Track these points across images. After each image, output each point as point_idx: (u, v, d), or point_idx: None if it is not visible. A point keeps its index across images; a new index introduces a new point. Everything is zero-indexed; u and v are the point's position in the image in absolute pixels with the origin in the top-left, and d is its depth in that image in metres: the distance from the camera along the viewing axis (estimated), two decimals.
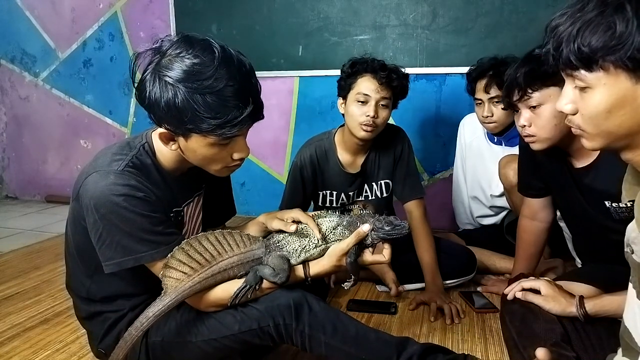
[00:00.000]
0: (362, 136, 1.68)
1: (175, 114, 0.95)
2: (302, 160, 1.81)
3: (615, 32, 0.65)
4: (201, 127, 0.96)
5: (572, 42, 0.69)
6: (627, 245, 0.73)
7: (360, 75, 1.66)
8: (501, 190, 1.96)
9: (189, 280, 1.01)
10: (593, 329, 1.09)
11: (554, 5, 2.18)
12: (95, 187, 0.99)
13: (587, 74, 0.70)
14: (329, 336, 1.03)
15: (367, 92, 1.63)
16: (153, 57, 0.98)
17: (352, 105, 1.67)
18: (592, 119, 0.73)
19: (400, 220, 1.11)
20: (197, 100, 0.93)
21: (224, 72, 0.94)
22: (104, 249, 1.01)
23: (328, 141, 1.83)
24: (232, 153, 1.05)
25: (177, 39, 0.99)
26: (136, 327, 1.01)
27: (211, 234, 1.05)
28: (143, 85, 0.98)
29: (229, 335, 1.05)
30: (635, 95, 0.68)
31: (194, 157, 1.05)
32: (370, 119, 1.63)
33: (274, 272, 1.05)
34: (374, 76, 1.64)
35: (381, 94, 1.64)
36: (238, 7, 2.68)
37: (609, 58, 0.67)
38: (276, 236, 1.14)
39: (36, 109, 3.36)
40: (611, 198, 1.19)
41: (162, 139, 1.03)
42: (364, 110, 1.64)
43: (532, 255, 1.57)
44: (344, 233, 1.13)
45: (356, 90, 1.66)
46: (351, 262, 1.09)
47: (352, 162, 1.82)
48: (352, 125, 1.69)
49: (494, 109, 1.87)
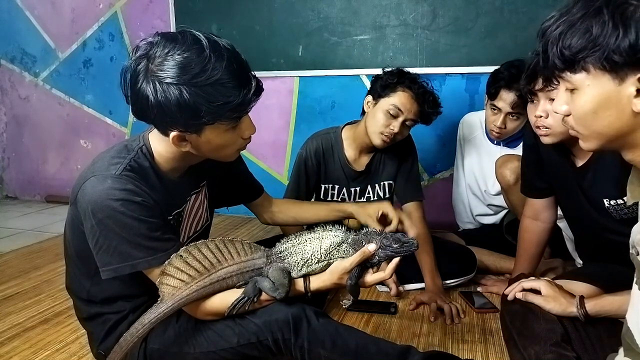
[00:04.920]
0: (378, 145, 1.71)
1: (190, 112, 0.94)
2: (307, 151, 1.83)
3: (592, 35, 0.68)
4: (219, 115, 0.96)
5: (556, 45, 0.72)
6: (633, 247, 0.73)
7: (402, 88, 1.66)
8: (498, 189, 1.96)
9: (186, 288, 1.00)
10: (593, 329, 1.09)
11: (554, 5, 2.17)
12: (93, 192, 0.98)
13: (573, 76, 0.73)
14: (329, 351, 1.03)
15: (402, 109, 1.65)
16: (136, 67, 0.96)
17: (381, 113, 1.67)
18: (581, 120, 0.75)
19: (407, 237, 1.09)
20: (208, 91, 0.93)
21: (218, 56, 0.94)
22: (101, 254, 1.01)
23: (335, 135, 1.85)
24: (242, 133, 1.06)
25: (156, 40, 0.97)
26: (132, 334, 1.00)
27: (211, 242, 1.04)
28: (141, 97, 0.95)
29: (228, 348, 1.05)
30: (619, 96, 0.69)
31: (208, 150, 1.05)
32: (392, 134, 1.66)
33: (273, 286, 1.03)
34: (415, 96, 1.65)
35: (412, 115, 1.66)
36: (238, 7, 2.68)
37: (588, 59, 0.69)
38: (279, 246, 1.11)
39: (36, 109, 3.36)
40: (609, 196, 1.19)
41: (174, 142, 1.02)
42: (391, 123, 1.66)
43: (534, 256, 1.57)
44: (349, 251, 1.10)
45: (392, 100, 1.66)
46: (351, 284, 1.06)
47: (357, 159, 1.84)
48: (372, 130, 1.70)
49: (509, 122, 1.84)
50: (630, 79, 0.67)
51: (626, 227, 0.78)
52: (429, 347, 1.40)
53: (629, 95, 0.68)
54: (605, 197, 1.20)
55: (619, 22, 0.66)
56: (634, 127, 0.71)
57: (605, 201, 1.21)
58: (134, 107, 1.01)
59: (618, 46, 0.66)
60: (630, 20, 0.65)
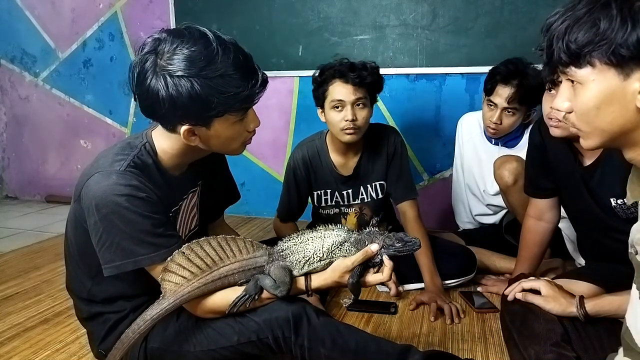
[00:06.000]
0: (347, 140, 1.70)
1: (202, 103, 0.96)
2: (295, 161, 1.85)
3: (600, 29, 0.68)
4: (229, 106, 0.98)
5: (562, 39, 0.72)
6: (632, 246, 0.73)
7: (330, 82, 1.67)
8: (496, 189, 1.96)
9: (188, 285, 1.00)
10: (593, 329, 1.10)
11: (554, 5, 2.17)
12: (98, 187, 0.98)
13: (577, 71, 0.72)
14: (329, 349, 1.03)
15: (341, 98, 1.64)
16: (144, 64, 0.97)
17: (330, 113, 1.68)
18: (583, 116, 0.75)
19: (410, 236, 1.09)
20: (218, 82, 0.95)
21: (224, 49, 0.97)
22: (103, 251, 1.01)
23: (320, 142, 1.85)
24: (247, 126, 1.08)
25: (162, 36, 0.98)
26: (133, 330, 1.00)
27: (214, 239, 1.04)
28: (152, 93, 0.96)
29: (228, 346, 1.05)
30: (624, 92, 0.69)
31: (217, 143, 1.06)
32: (349, 123, 1.65)
33: (274, 284, 1.03)
34: (344, 80, 1.64)
35: (355, 96, 1.64)
36: (238, 7, 2.68)
37: (595, 54, 0.69)
38: (281, 245, 1.11)
39: (36, 109, 3.36)
40: (616, 196, 1.19)
41: (185, 137, 1.03)
42: (342, 115, 1.65)
43: (535, 256, 1.57)
44: (351, 250, 1.10)
45: (330, 97, 1.67)
46: (353, 282, 1.07)
47: (344, 163, 1.84)
48: (334, 131, 1.71)
49: (505, 118, 1.85)
50: (636, 75, 0.67)
51: (631, 226, 0.78)
52: (429, 347, 1.40)
53: (633, 91, 0.68)
54: (613, 196, 1.20)
55: (627, 17, 0.66)
56: (636, 125, 0.70)
57: (612, 200, 1.21)
58: (143, 104, 1.01)
59: (626, 40, 0.66)
60: (638, 15, 0.66)
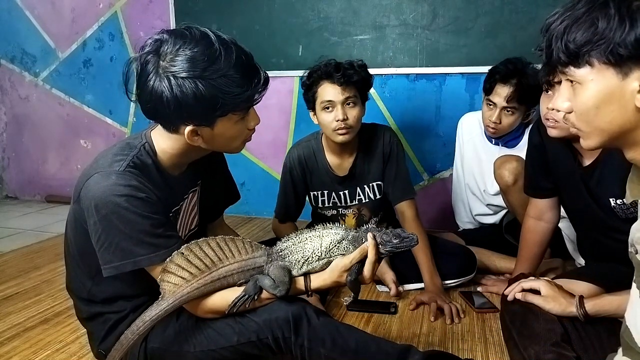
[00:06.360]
0: (340, 140, 1.71)
1: (207, 103, 0.96)
2: (291, 161, 1.86)
3: (598, 28, 0.68)
4: (233, 105, 0.99)
5: (561, 39, 0.72)
6: (632, 246, 0.74)
7: (318, 84, 1.68)
8: (496, 189, 1.96)
9: (187, 286, 1.00)
10: (593, 329, 1.10)
11: (554, 5, 2.17)
12: (97, 188, 0.98)
13: (576, 70, 0.73)
14: (329, 349, 1.03)
15: (330, 98, 1.66)
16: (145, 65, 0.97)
17: (321, 114, 1.70)
18: (583, 115, 0.75)
19: (407, 232, 1.09)
20: (221, 82, 0.95)
21: (226, 49, 0.97)
22: (102, 251, 1.01)
23: (316, 142, 1.86)
24: (248, 124, 1.09)
25: (164, 37, 0.98)
26: (132, 331, 1.00)
27: (212, 240, 1.04)
28: (155, 95, 0.96)
29: (228, 347, 1.05)
30: (622, 91, 0.69)
31: (220, 142, 1.07)
32: (341, 122, 1.66)
33: (274, 283, 1.03)
34: (331, 80, 1.65)
35: (344, 95, 1.65)
36: (238, 7, 2.68)
37: (593, 53, 0.69)
38: (279, 245, 1.12)
39: (36, 109, 3.36)
40: (615, 196, 1.19)
41: (189, 137, 1.03)
42: (333, 115, 1.66)
43: (536, 256, 1.57)
44: (349, 248, 1.10)
45: (320, 99, 1.68)
46: (351, 280, 1.07)
47: (339, 164, 1.84)
48: (327, 132, 1.72)
49: (504, 118, 1.85)
50: (634, 74, 0.68)
51: (631, 226, 0.78)
52: (429, 347, 1.40)
53: (632, 91, 0.68)
54: (612, 196, 1.20)
55: (625, 16, 0.66)
56: (636, 124, 0.70)
57: (611, 200, 1.21)
58: (146, 106, 1.01)
59: (624, 40, 0.66)
60: (636, 14, 0.66)
